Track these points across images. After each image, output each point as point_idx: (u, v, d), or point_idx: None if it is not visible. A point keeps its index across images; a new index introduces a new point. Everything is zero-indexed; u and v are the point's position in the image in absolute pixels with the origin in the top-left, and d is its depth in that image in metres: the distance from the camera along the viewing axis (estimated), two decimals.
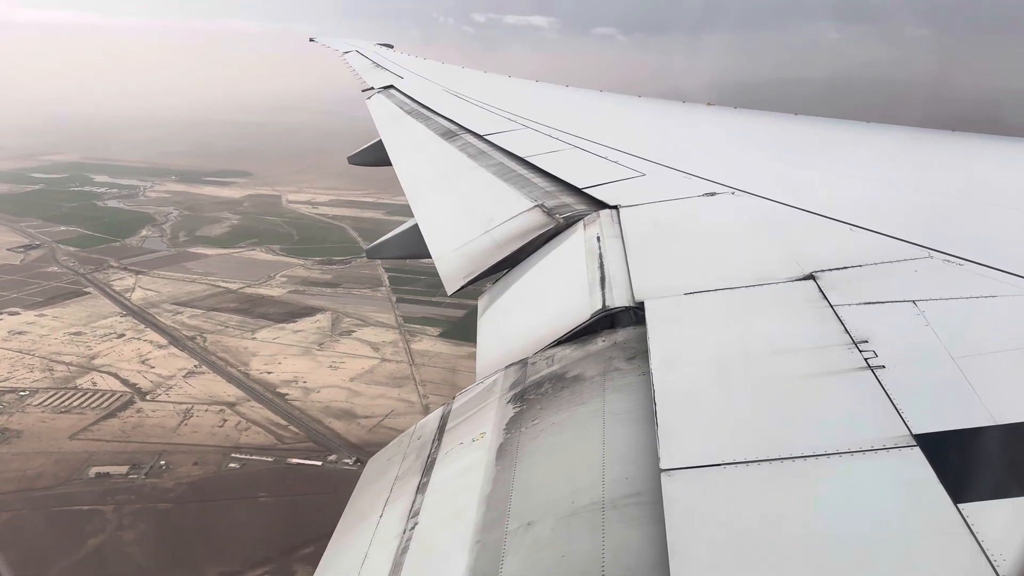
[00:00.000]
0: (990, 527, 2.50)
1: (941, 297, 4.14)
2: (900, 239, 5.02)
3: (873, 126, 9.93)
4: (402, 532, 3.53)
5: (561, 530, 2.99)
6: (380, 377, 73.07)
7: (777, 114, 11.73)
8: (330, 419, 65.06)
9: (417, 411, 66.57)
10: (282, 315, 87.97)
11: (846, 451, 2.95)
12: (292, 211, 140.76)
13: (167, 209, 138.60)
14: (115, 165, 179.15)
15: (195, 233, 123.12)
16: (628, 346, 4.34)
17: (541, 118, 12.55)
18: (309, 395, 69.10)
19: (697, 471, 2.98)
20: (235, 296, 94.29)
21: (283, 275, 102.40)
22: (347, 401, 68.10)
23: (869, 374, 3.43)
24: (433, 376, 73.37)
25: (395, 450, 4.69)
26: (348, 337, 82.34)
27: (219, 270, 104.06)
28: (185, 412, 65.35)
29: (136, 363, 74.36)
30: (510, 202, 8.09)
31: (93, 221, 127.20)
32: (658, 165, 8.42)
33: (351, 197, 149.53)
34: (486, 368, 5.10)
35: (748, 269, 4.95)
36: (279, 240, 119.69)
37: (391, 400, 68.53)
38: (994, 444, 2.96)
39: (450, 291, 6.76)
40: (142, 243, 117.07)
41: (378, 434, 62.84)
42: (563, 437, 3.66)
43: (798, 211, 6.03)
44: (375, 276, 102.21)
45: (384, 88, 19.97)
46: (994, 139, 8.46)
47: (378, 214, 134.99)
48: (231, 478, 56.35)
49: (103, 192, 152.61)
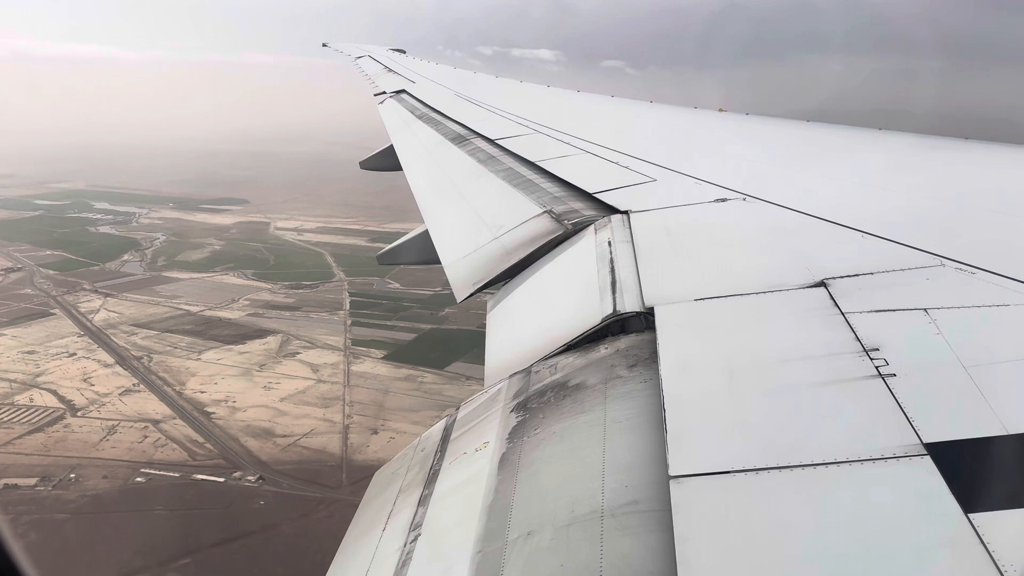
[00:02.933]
0: (1000, 537, 2.48)
1: (952, 305, 4.11)
2: (912, 247, 4.99)
3: (885, 133, 9.89)
4: (403, 545, 3.53)
5: (560, 539, 2.99)
6: (311, 398, 74.36)
7: (789, 120, 11.72)
8: (247, 438, 66.48)
9: (338, 431, 67.95)
10: (233, 337, 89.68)
11: (856, 459, 2.94)
12: (276, 237, 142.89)
13: (155, 235, 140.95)
14: (117, 193, 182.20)
15: (175, 258, 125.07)
16: (630, 353, 4.36)
17: (552, 123, 12.58)
18: (235, 414, 70.58)
19: (706, 478, 2.97)
20: (193, 318, 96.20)
21: (247, 298, 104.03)
22: (270, 420, 69.49)
23: (880, 382, 3.42)
24: (363, 397, 74.71)
25: (400, 462, 4.66)
26: (291, 359, 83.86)
27: (186, 293, 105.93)
28: (110, 428, 67.14)
29: (78, 381, 76.33)
30: (519, 208, 8.06)
31: (79, 246, 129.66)
32: (669, 171, 8.42)
33: (339, 224, 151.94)
34: (493, 375, 5.06)
35: (759, 276, 4.95)
36: (255, 265, 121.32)
37: (314, 420, 69.78)
38: (1005, 454, 2.95)
39: (460, 298, 6.76)
40: (120, 267, 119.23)
41: (290, 452, 64.27)
42: (564, 446, 3.67)
43: (809, 218, 6.01)
44: (338, 300, 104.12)
45: (396, 93, 20.09)
46: (1007, 147, 8.37)
47: (360, 240, 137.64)
48: (133, 491, 57.86)
49: (98, 219, 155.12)
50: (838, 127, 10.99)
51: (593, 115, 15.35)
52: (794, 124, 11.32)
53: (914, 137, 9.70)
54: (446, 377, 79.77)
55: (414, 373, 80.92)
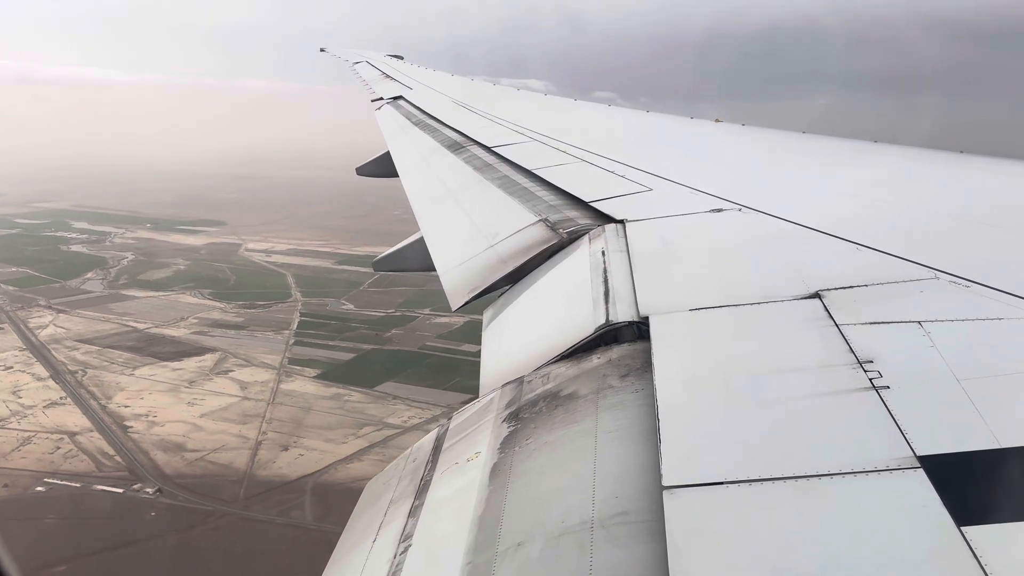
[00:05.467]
0: (993, 550, 2.49)
1: (947, 318, 4.12)
2: (907, 259, 5.01)
3: (880, 146, 9.92)
4: (394, 556, 3.52)
5: (550, 550, 3.00)
6: (231, 414, 75.45)
7: (785, 132, 11.75)
8: (158, 451, 67.68)
9: (248, 447, 69.08)
10: (171, 354, 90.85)
11: (850, 471, 2.95)
12: (244, 258, 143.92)
13: (124, 254, 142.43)
14: (98, 213, 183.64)
15: (137, 277, 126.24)
16: (622, 363, 4.35)
17: (549, 131, 12.61)
18: (152, 428, 71.76)
19: (700, 489, 2.97)
20: (138, 335, 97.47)
21: (196, 317, 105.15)
22: (184, 436, 70.63)
23: (874, 394, 3.43)
24: (283, 415, 75.88)
25: (392, 473, 4.65)
26: (223, 376, 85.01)
27: (138, 311, 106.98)
28: (25, 439, 68.33)
29: (7, 393, 77.59)
30: (515, 216, 8.10)
31: (46, 264, 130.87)
32: (665, 180, 8.45)
33: (310, 247, 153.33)
34: (488, 385, 5.05)
35: (753, 286, 4.95)
36: (215, 285, 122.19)
37: (228, 436, 70.88)
38: (998, 467, 2.96)
39: (454, 307, 6.79)
40: (81, 285, 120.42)
41: (195, 467, 65.51)
42: (555, 456, 3.66)
43: (805, 229, 6.03)
44: (287, 320, 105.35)
45: (393, 99, 20.10)
46: (1002, 161, 8.40)
47: (327, 263, 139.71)
48: (30, 500, 59.09)
49: (73, 237, 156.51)
50: (834, 138, 10.98)
51: (590, 124, 15.41)
52: (790, 135, 11.40)
53: (910, 150, 9.68)
54: (373, 396, 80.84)
55: (342, 392, 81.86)
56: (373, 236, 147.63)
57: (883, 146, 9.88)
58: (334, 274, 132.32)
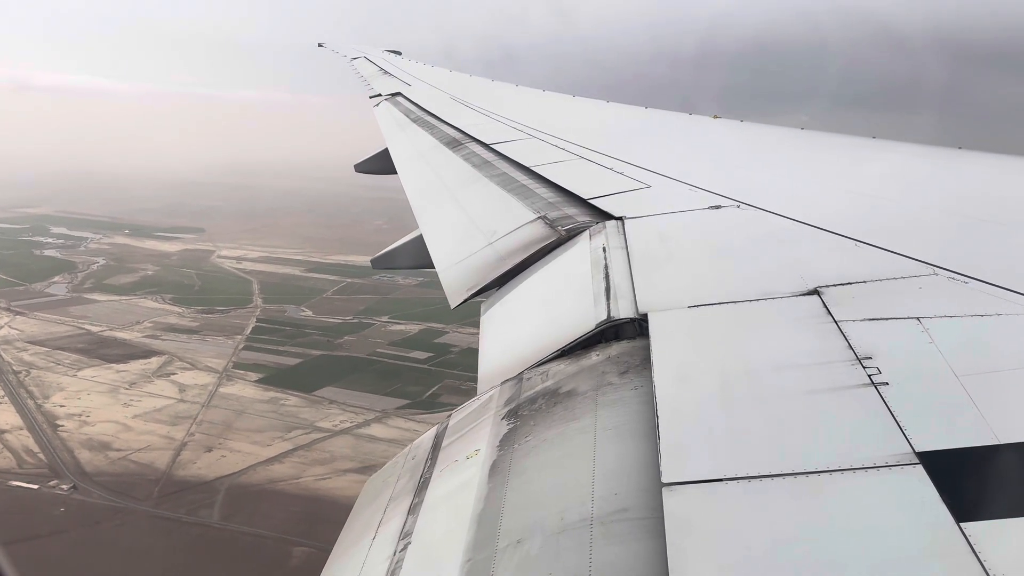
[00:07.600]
0: (992, 546, 2.50)
1: (946, 315, 4.12)
2: (905, 256, 5.01)
3: (880, 142, 9.92)
4: (393, 553, 3.53)
5: (549, 547, 3.00)
6: (164, 416, 75.95)
7: (784, 128, 11.76)
8: (83, 450, 68.26)
9: (173, 448, 69.85)
10: (118, 356, 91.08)
11: (848, 468, 2.95)
12: (214, 265, 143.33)
13: (96, 259, 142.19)
14: (78, 218, 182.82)
15: (103, 281, 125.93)
16: (621, 360, 4.35)
17: (548, 128, 12.61)
18: (82, 428, 72.35)
19: (699, 486, 2.98)
20: (90, 338, 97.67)
21: (152, 321, 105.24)
22: (113, 435, 71.18)
23: (872, 390, 3.44)
24: (215, 417, 76.44)
25: (391, 470, 4.65)
26: (165, 379, 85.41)
27: (95, 315, 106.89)
28: None
29: None
30: (513, 213, 8.10)
31: (16, 267, 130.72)
32: (664, 177, 8.45)
33: (283, 255, 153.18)
34: (487, 382, 5.05)
35: (752, 283, 4.95)
36: (179, 291, 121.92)
37: (155, 437, 71.49)
38: (997, 463, 2.97)
39: (453, 304, 6.80)
40: (46, 288, 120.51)
41: (116, 466, 66.38)
42: (555, 453, 3.66)
43: (803, 226, 6.03)
44: (242, 325, 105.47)
45: (391, 95, 20.05)
46: (1001, 157, 8.42)
47: (295, 270, 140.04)
48: None
49: (48, 242, 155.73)
50: (833, 135, 11.01)
51: (588, 120, 15.42)
52: (789, 131, 11.42)
53: (908, 146, 9.72)
54: (310, 401, 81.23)
55: (280, 396, 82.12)
56: (350, 245, 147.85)
57: (881, 142, 9.91)
58: (300, 281, 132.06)
